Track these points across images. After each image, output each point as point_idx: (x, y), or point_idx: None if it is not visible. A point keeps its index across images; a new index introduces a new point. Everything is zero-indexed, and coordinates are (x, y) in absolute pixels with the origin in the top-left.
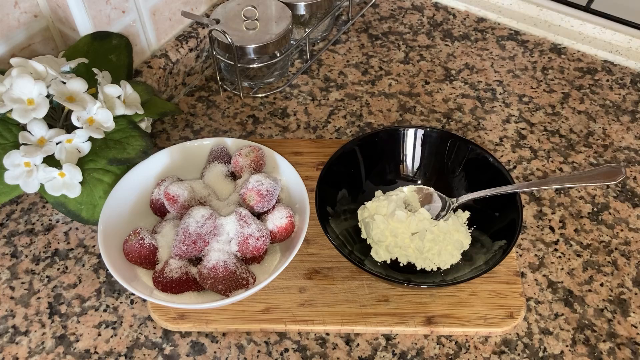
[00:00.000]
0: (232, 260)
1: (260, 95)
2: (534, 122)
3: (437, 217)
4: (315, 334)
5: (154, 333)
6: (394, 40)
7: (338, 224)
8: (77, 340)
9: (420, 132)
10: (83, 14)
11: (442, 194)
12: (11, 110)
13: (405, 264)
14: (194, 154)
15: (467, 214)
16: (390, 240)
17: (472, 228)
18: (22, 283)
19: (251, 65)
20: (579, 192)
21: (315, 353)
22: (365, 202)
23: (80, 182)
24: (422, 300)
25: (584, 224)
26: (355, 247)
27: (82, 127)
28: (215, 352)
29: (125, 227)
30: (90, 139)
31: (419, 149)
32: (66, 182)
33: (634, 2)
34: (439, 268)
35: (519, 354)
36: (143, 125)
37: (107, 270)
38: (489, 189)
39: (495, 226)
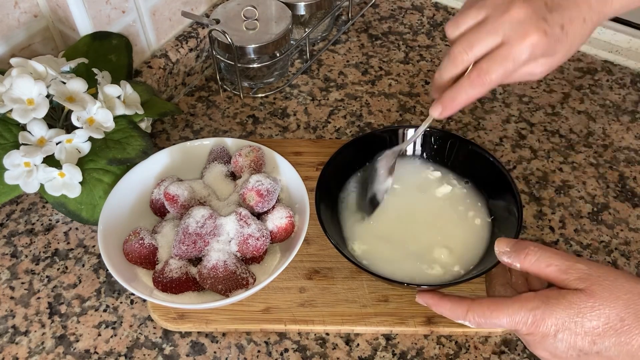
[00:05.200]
0: (232, 260)
1: (260, 95)
2: (533, 122)
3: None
4: (315, 334)
5: (154, 333)
6: (394, 40)
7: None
8: (77, 341)
9: None
10: (83, 14)
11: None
12: (11, 110)
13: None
14: (194, 154)
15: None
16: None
17: None
18: (22, 283)
19: (251, 65)
20: (579, 192)
21: (315, 353)
22: None
23: (80, 182)
24: None
25: (584, 224)
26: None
27: (82, 127)
28: (215, 352)
29: (125, 227)
30: (90, 139)
31: (419, 149)
32: (66, 182)
33: None
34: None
35: (519, 354)
36: (143, 125)
37: (107, 270)
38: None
39: (496, 226)
